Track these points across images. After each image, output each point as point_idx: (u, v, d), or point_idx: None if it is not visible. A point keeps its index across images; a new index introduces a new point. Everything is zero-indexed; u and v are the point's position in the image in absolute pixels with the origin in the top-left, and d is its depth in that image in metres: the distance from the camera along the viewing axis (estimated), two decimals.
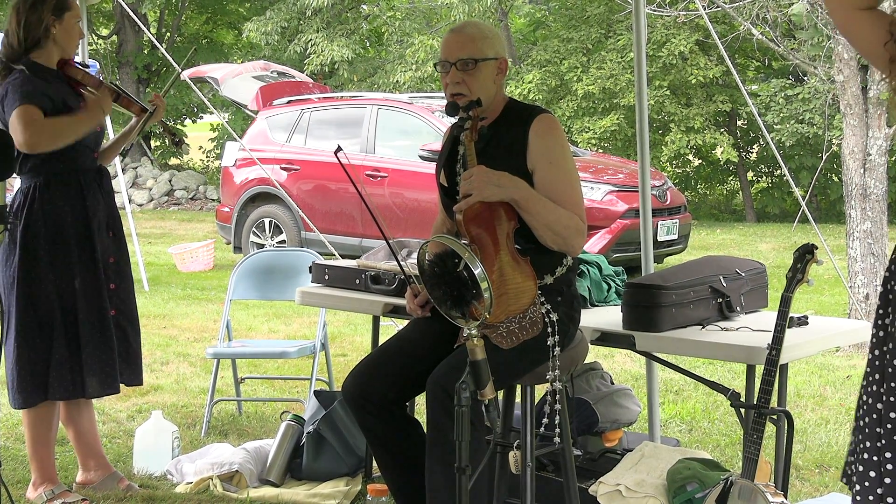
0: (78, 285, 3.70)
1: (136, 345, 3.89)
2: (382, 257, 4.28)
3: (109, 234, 3.83)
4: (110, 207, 3.87)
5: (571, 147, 11.76)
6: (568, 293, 3.15)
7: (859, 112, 6.88)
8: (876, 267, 6.82)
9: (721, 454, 4.57)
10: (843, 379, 6.09)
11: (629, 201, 9.55)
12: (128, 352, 3.85)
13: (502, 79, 3.15)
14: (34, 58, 3.71)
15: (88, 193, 3.76)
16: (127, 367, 3.85)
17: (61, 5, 3.72)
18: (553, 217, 2.99)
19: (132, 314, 3.89)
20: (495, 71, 3.11)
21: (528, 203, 2.98)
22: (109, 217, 3.85)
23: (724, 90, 16.48)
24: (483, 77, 3.08)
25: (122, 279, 3.86)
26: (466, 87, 3.07)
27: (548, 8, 19.27)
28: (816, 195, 16.45)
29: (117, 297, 3.83)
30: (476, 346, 2.47)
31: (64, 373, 3.68)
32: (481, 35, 3.11)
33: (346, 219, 10.27)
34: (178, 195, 18.69)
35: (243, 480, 4.07)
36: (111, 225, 3.85)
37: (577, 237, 3.06)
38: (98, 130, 3.84)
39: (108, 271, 3.80)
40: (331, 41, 17.84)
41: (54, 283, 3.67)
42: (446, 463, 2.86)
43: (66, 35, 3.75)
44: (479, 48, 3.08)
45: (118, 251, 3.87)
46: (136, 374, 3.90)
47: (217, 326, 6.97)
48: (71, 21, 3.75)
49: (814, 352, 3.78)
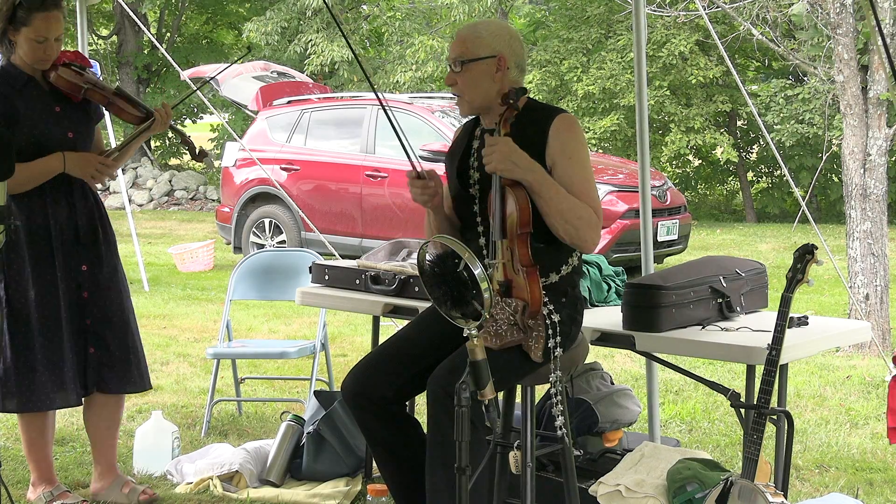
0: (32, 296, 3.57)
1: (120, 351, 3.73)
2: (382, 257, 4.28)
3: (86, 240, 3.67)
4: (88, 214, 3.70)
5: None
6: (572, 294, 3.15)
7: (859, 112, 6.88)
8: (876, 267, 6.81)
9: (721, 454, 4.57)
10: (843, 379, 6.09)
11: (629, 201, 9.55)
12: (111, 359, 3.72)
13: (503, 76, 3.11)
14: (14, 60, 3.62)
15: (50, 202, 3.61)
16: (111, 374, 3.73)
17: (17, 18, 3.54)
18: (566, 205, 2.97)
19: (115, 320, 3.73)
20: (493, 69, 3.10)
21: (541, 187, 2.96)
22: (86, 224, 3.69)
23: (724, 90, 16.48)
24: (474, 77, 3.09)
25: (97, 286, 3.69)
26: (459, 87, 3.12)
27: (548, 8, 19.27)
28: (816, 195, 16.46)
29: (93, 304, 3.69)
30: (476, 347, 2.47)
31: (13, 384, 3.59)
32: (473, 35, 3.12)
33: (346, 219, 10.28)
34: (179, 195, 18.69)
35: (243, 481, 4.07)
36: (86, 232, 3.68)
37: (591, 230, 3.02)
38: (70, 137, 3.66)
39: (81, 279, 3.67)
40: (331, 41, 17.84)
41: (8, 295, 3.58)
42: (446, 464, 2.86)
43: (24, 50, 3.58)
44: (469, 49, 3.10)
45: (93, 258, 3.70)
46: (125, 380, 3.76)
47: (217, 326, 6.97)
48: (28, 37, 3.55)
49: (814, 352, 3.78)
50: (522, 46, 3.18)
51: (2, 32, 3.60)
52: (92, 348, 3.70)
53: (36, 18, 3.55)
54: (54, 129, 3.64)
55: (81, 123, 3.73)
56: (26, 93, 3.62)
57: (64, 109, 3.68)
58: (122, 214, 11.20)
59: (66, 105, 3.69)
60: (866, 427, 5.09)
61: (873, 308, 6.78)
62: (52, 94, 3.67)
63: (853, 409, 5.41)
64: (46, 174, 3.60)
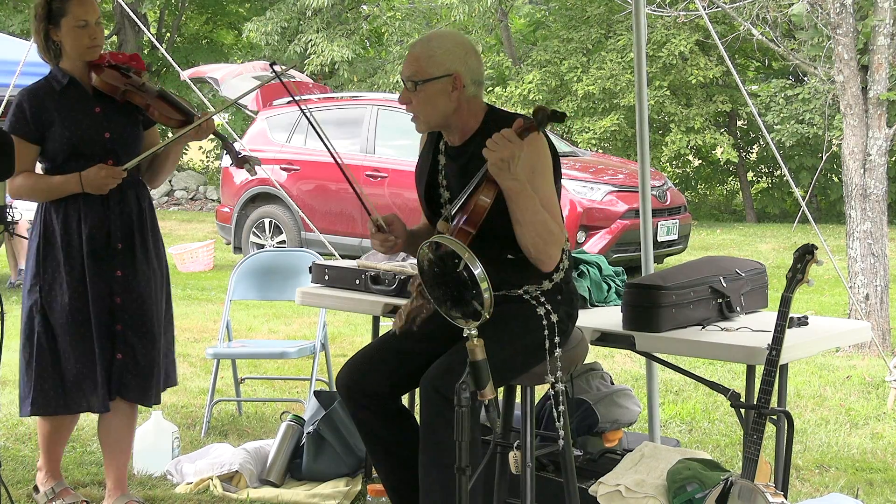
0: (66, 300, 3.56)
1: (145, 361, 3.66)
2: (382, 257, 4.28)
3: (118, 245, 3.62)
4: (125, 219, 3.65)
5: (571, 147, 11.81)
6: (567, 290, 3.14)
7: (859, 112, 6.88)
8: (876, 267, 6.82)
9: (721, 454, 4.57)
10: (843, 379, 6.09)
11: (629, 201, 9.55)
12: (136, 368, 3.64)
13: (459, 94, 3.03)
14: (62, 65, 3.61)
15: (83, 206, 3.58)
16: (135, 382, 3.66)
17: (53, 13, 3.54)
18: (540, 218, 2.92)
19: (145, 328, 3.66)
20: (448, 88, 3.01)
21: (520, 196, 2.88)
22: (121, 230, 3.63)
23: (724, 90, 16.49)
24: (428, 97, 3.02)
25: (129, 292, 3.63)
26: (414, 106, 3.05)
27: (548, 8, 19.27)
28: (816, 195, 16.46)
29: (123, 310, 3.62)
30: (476, 346, 2.47)
31: (45, 387, 3.58)
32: (426, 54, 3.03)
33: (346, 219, 10.28)
34: (179, 195, 18.70)
35: (243, 481, 4.07)
36: (122, 237, 3.63)
37: (555, 247, 2.98)
38: (107, 138, 3.60)
39: (114, 285, 3.61)
40: (331, 41, 17.85)
41: (41, 298, 3.59)
42: (439, 464, 2.86)
43: (71, 42, 3.55)
44: (423, 68, 3.02)
45: (128, 264, 3.64)
46: (144, 391, 3.67)
47: (217, 327, 6.96)
48: (70, 26, 3.54)
49: (814, 352, 3.79)
50: (479, 60, 3.10)
51: (45, 36, 3.58)
52: (119, 354, 3.63)
53: (72, 4, 3.55)
54: (90, 130, 3.59)
55: (122, 125, 3.66)
56: (67, 93, 3.60)
57: (104, 111, 3.63)
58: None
59: (107, 106, 3.64)
60: (866, 427, 5.09)
61: (873, 308, 6.78)
62: (94, 95, 3.63)
63: (853, 409, 5.41)
64: (61, 192, 3.58)
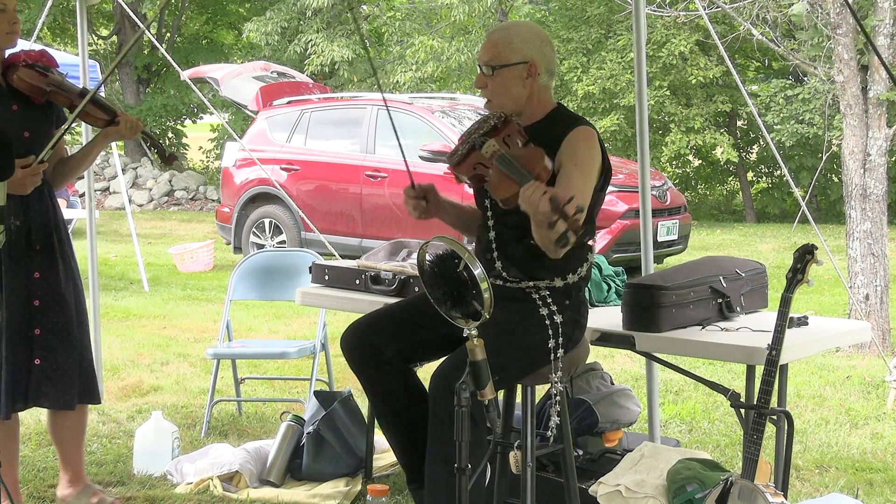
0: None
1: (66, 363, 3.55)
2: (382, 257, 4.29)
3: (38, 247, 3.52)
4: (43, 218, 3.54)
5: None
6: (576, 298, 3.16)
7: (859, 112, 6.88)
8: (876, 267, 6.81)
9: (721, 454, 4.57)
10: (843, 379, 6.09)
11: (629, 201, 9.55)
12: (56, 372, 3.53)
13: (533, 82, 3.13)
14: None
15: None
16: (52, 387, 3.53)
17: None
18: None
19: (66, 330, 3.56)
20: (524, 74, 3.11)
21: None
22: (42, 230, 3.53)
23: (724, 90, 16.48)
24: (504, 82, 3.12)
25: (48, 294, 3.53)
26: (489, 91, 3.15)
27: (548, 8, 19.27)
28: (816, 195, 16.46)
29: (41, 313, 3.52)
30: (476, 347, 2.47)
31: None
32: (505, 40, 3.13)
33: (346, 219, 10.28)
34: (179, 195, 18.70)
35: (243, 481, 4.07)
36: (42, 238, 3.52)
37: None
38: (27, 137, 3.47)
39: (32, 287, 3.50)
40: (331, 41, 17.85)
41: None
42: (445, 459, 2.87)
43: None
44: (501, 54, 3.11)
45: (46, 266, 3.54)
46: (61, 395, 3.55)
47: (217, 327, 6.96)
48: None
49: (814, 352, 3.79)
50: (553, 50, 3.20)
51: None
52: (38, 359, 3.52)
53: None
54: (9, 128, 3.43)
55: (39, 123, 3.57)
56: None
57: (22, 108, 3.53)
58: (122, 214, 11.22)
59: (24, 104, 3.54)
60: (866, 427, 5.09)
61: (873, 308, 6.78)
62: (10, 92, 3.53)
63: (853, 410, 5.40)
64: None
